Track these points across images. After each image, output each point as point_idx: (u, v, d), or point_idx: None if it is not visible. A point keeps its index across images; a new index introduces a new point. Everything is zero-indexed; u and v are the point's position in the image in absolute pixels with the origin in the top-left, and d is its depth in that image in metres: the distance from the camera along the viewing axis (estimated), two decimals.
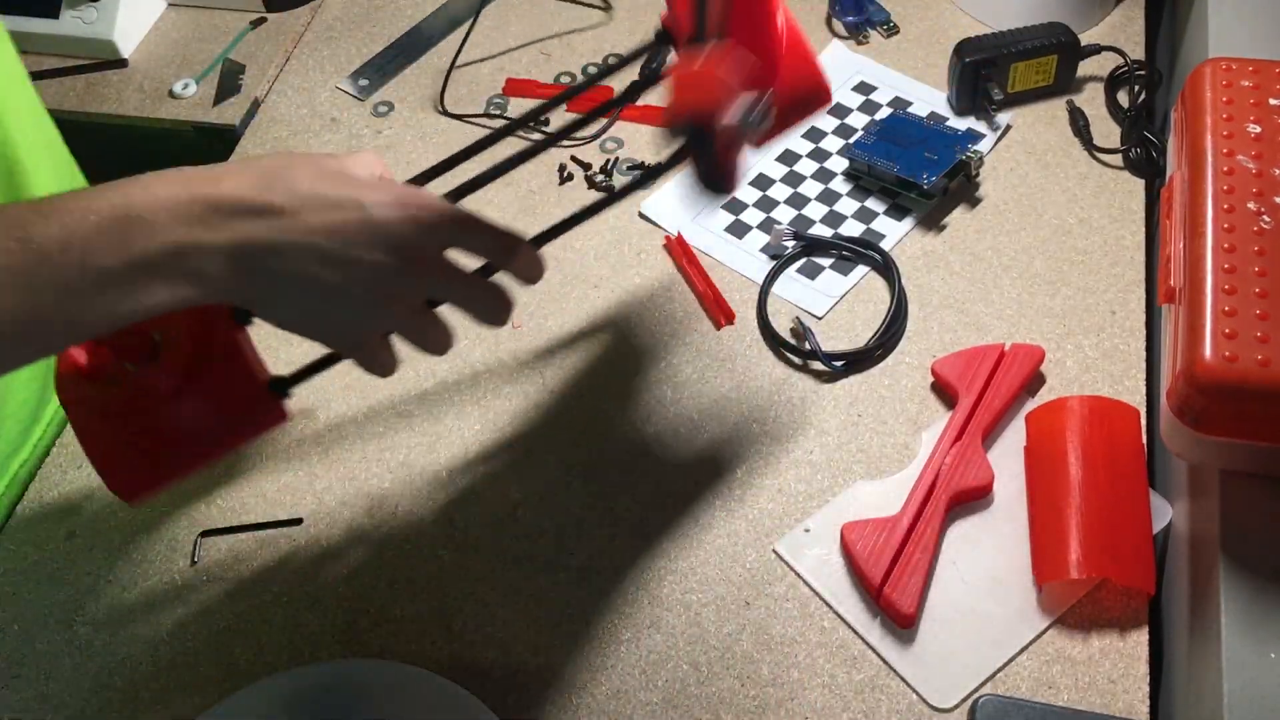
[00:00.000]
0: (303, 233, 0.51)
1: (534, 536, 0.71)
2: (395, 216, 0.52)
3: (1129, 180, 0.84)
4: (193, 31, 1.05)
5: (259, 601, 0.69)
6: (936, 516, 0.67)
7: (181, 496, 0.74)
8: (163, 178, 0.51)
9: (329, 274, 0.52)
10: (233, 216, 0.50)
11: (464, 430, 0.76)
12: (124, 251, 0.48)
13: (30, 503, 0.75)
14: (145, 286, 0.49)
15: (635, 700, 0.64)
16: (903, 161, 0.83)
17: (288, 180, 0.52)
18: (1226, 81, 0.67)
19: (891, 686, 0.63)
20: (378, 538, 0.71)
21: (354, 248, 0.52)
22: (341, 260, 0.51)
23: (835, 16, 0.96)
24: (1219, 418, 0.59)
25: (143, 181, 0.50)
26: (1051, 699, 0.62)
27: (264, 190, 0.51)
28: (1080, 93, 0.90)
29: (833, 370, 0.76)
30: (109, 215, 0.48)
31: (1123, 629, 0.64)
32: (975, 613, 0.65)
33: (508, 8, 1.03)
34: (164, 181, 0.51)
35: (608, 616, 0.67)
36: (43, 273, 0.47)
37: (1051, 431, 0.68)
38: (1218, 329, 0.58)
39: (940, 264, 0.81)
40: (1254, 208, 0.62)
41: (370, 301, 0.53)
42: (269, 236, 0.51)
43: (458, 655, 0.66)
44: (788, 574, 0.68)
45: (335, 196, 0.52)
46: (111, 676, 0.67)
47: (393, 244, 0.52)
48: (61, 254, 0.47)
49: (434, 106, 0.95)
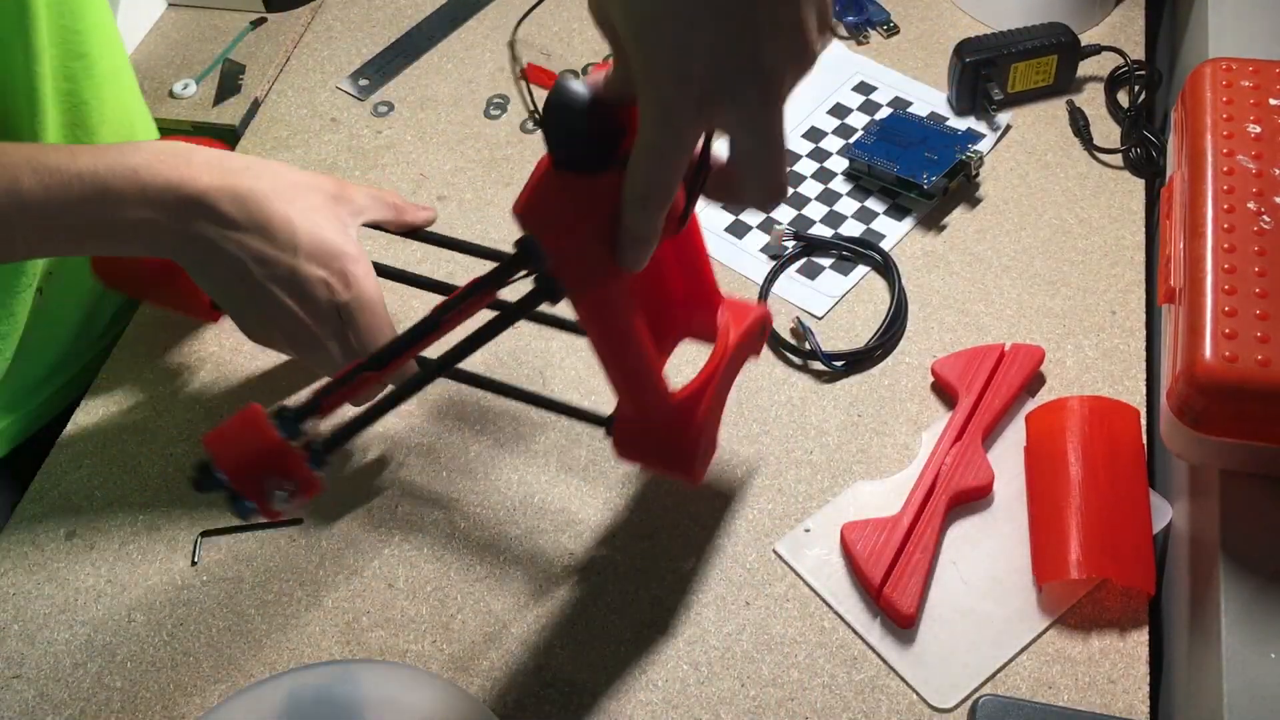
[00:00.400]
0: (238, 247, 0.63)
1: (534, 537, 0.71)
2: (313, 282, 0.64)
3: (1129, 180, 0.84)
4: (193, 32, 1.05)
5: (259, 601, 0.69)
6: (936, 517, 0.67)
7: (182, 497, 0.74)
8: (157, 157, 0.62)
9: (243, 287, 0.64)
10: (194, 214, 0.63)
11: (464, 430, 0.76)
12: (99, 215, 0.62)
13: (30, 502, 0.75)
14: (114, 242, 0.64)
15: (635, 700, 0.64)
16: (903, 161, 0.83)
17: (261, 205, 0.63)
18: (1226, 81, 0.67)
19: (891, 686, 0.63)
20: (378, 538, 0.71)
21: (271, 281, 0.64)
22: (256, 283, 0.64)
23: (835, 16, 0.96)
24: (1219, 418, 0.59)
25: (133, 157, 0.62)
26: (1051, 699, 0.62)
27: (233, 204, 0.63)
28: (1080, 93, 0.90)
29: (833, 370, 0.76)
30: (91, 186, 0.61)
31: (1123, 629, 0.64)
32: (975, 613, 0.65)
33: (508, 7, 1.03)
34: (154, 159, 0.62)
35: (608, 616, 0.67)
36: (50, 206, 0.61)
37: (1051, 431, 0.68)
38: (1218, 329, 0.58)
39: (940, 264, 0.81)
40: (1254, 208, 0.62)
41: (270, 319, 0.66)
42: (213, 238, 0.63)
43: (458, 655, 0.66)
44: (788, 574, 0.68)
45: (283, 238, 0.64)
46: (112, 676, 0.67)
47: (300, 296, 0.64)
48: (50, 210, 0.61)
49: (434, 107, 0.95)
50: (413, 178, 0.90)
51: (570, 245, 0.50)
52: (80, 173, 0.61)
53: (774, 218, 0.84)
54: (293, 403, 0.53)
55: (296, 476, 0.51)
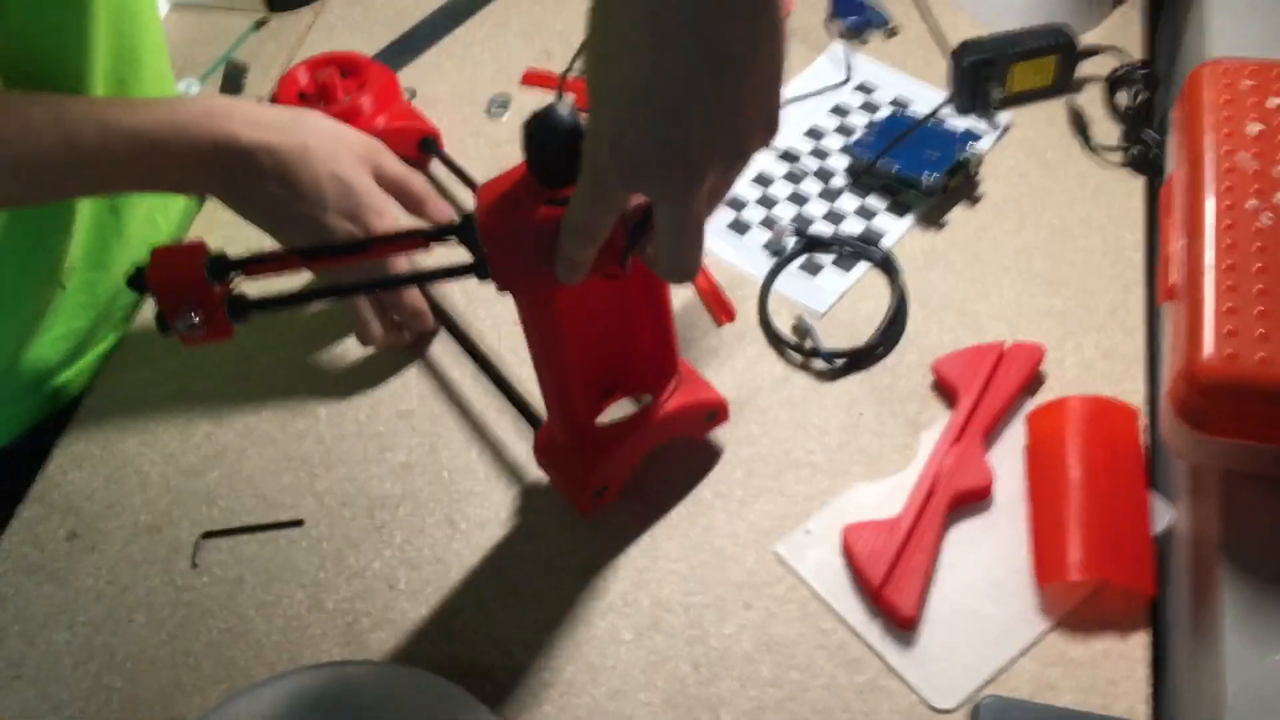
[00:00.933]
0: (272, 198, 0.71)
1: (534, 537, 0.71)
2: (338, 233, 0.72)
3: (1129, 180, 0.84)
4: (196, 32, 1.05)
5: (259, 602, 0.69)
6: (937, 518, 0.67)
7: (182, 498, 0.74)
8: (205, 114, 0.70)
9: (278, 224, 0.73)
10: (236, 166, 0.70)
11: (464, 430, 0.76)
12: (151, 166, 0.70)
13: (30, 503, 0.75)
14: (162, 187, 0.73)
15: (635, 700, 0.64)
16: (903, 159, 0.83)
17: (299, 164, 0.71)
18: (1226, 81, 0.67)
19: (892, 688, 0.63)
20: (378, 539, 0.71)
21: (301, 227, 0.72)
22: (288, 225, 0.73)
23: (835, 16, 0.96)
24: (1219, 418, 0.58)
25: (182, 114, 0.69)
26: (1052, 700, 0.62)
27: (270, 159, 0.70)
28: (1080, 93, 0.90)
29: (834, 367, 0.76)
30: (145, 140, 0.68)
31: (1123, 630, 0.64)
32: (976, 614, 0.65)
33: (510, 6, 1.03)
34: (201, 116, 0.70)
35: (608, 616, 0.67)
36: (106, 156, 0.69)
37: (1051, 431, 0.68)
38: (1218, 328, 0.58)
39: (940, 262, 0.81)
40: (1254, 207, 0.62)
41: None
42: (253, 185, 0.71)
43: (458, 655, 0.66)
44: (787, 575, 0.68)
45: (311, 193, 0.71)
46: (111, 676, 0.67)
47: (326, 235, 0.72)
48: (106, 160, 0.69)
49: (436, 106, 0.95)
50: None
51: (518, 246, 0.56)
52: (136, 128, 0.68)
53: (775, 215, 0.84)
54: (235, 256, 0.58)
55: (207, 311, 0.57)
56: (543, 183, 0.55)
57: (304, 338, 0.81)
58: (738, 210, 0.85)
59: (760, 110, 0.48)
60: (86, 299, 0.83)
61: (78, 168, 0.68)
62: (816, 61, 0.95)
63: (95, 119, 0.68)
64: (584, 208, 0.52)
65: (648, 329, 0.67)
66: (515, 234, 0.55)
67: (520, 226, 0.55)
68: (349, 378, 0.79)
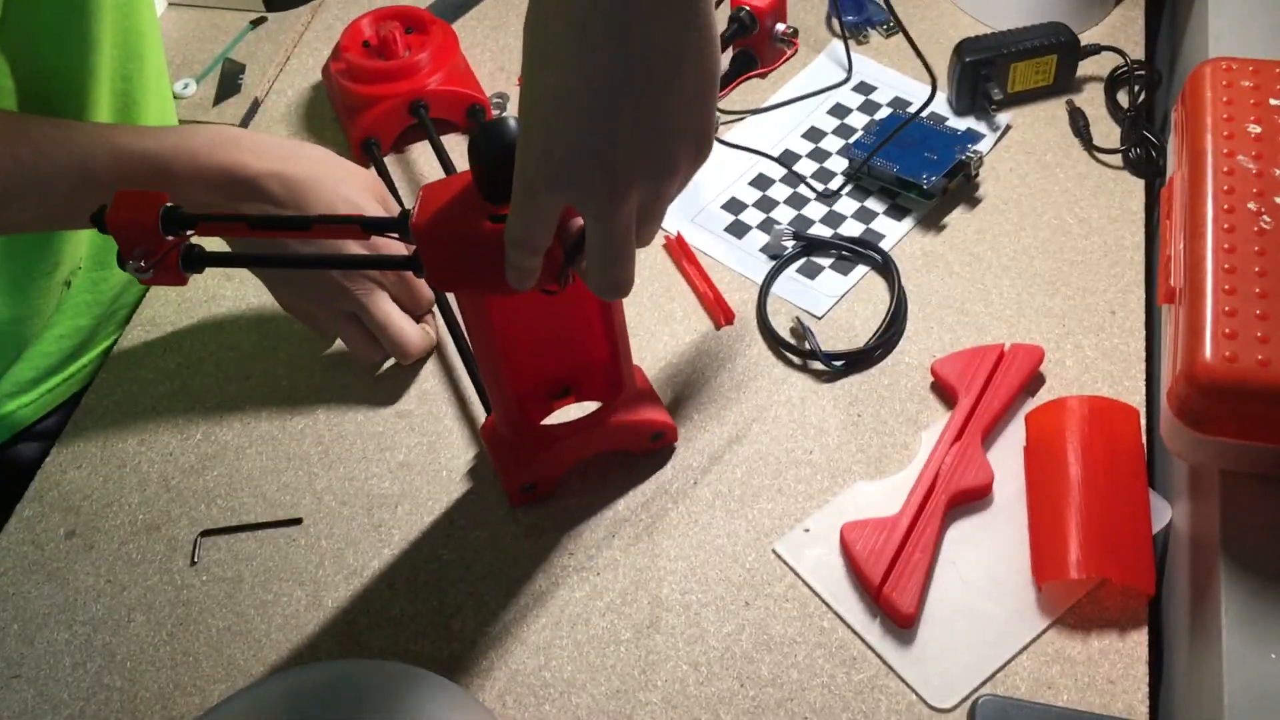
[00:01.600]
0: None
1: (534, 536, 0.71)
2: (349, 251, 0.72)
3: (1129, 180, 0.84)
4: (193, 31, 1.05)
5: (258, 601, 0.69)
6: (936, 516, 0.67)
7: (181, 496, 0.74)
8: (213, 143, 0.70)
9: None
10: (245, 194, 0.70)
11: (464, 430, 0.76)
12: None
13: (30, 502, 0.75)
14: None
15: (635, 700, 0.64)
16: (902, 161, 0.83)
17: (310, 190, 0.71)
18: (1226, 81, 0.67)
19: (891, 687, 0.63)
20: (378, 538, 0.71)
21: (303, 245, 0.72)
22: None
23: (835, 16, 0.96)
24: (1219, 418, 0.59)
25: (192, 141, 0.70)
26: (1051, 699, 0.62)
27: (280, 187, 0.71)
28: (1080, 93, 0.90)
29: (832, 370, 0.76)
30: (154, 166, 0.68)
31: (1122, 629, 0.64)
32: (975, 613, 0.65)
33: (508, 6, 1.03)
34: (210, 145, 0.70)
35: (608, 616, 0.67)
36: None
37: (1051, 431, 0.68)
38: (1218, 329, 0.58)
39: (940, 264, 0.81)
40: (1254, 208, 0.62)
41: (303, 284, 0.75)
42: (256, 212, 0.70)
43: (458, 655, 0.66)
44: (787, 574, 0.68)
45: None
46: (111, 676, 0.67)
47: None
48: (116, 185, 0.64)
49: None
50: (413, 176, 0.90)
51: (451, 254, 0.57)
52: (145, 153, 0.68)
53: (774, 218, 0.84)
54: (190, 213, 0.60)
55: (156, 256, 0.59)
56: (487, 198, 0.55)
57: (304, 338, 0.81)
58: (736, 213, 0.85)
59: (688, 121, 0.48)
60: (90, 298, 0.83)
61: (88, 190, 0.67)
62: (816, 61, 0.95)
63: (107, 142, 0.68)
64: (519, 219, 0.53)
65: (600, 342, 0.68)
66: (448, 243, 0.57)
67: (453, 237, 0.56)
68: (348, 377, 0.79)
